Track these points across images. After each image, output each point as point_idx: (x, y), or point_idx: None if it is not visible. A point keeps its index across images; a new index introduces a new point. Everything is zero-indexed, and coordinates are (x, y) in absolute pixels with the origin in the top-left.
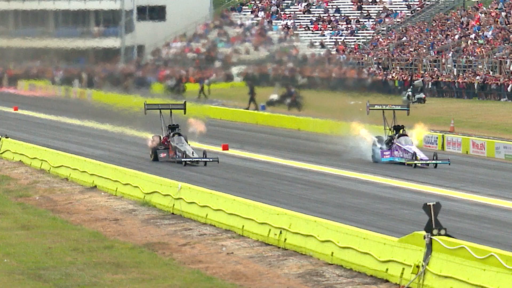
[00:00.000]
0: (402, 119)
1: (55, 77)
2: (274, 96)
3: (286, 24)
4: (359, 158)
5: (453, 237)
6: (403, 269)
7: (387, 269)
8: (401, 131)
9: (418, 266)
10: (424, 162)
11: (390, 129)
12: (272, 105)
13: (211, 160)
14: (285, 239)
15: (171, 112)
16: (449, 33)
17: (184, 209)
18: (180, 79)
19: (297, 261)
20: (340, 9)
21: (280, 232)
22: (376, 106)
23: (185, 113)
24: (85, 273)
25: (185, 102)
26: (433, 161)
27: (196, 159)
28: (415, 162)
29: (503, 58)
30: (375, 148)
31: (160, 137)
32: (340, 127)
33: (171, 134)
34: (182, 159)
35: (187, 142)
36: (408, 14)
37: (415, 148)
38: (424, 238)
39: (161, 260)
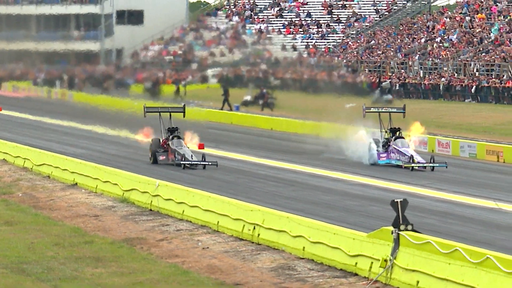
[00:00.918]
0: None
1: (37, 79)
2: (248, 97)
3: (260, 28)
4: (331, 157)
5: (419, 232)
6: (372, 263)
7: (356, 263)
8: (397, 133)
9: (386, 260)
10: (422, 165)
11: (386, 131)
12: (246, 105)
13: (210, 163)
14: (259, 235)
15: (170, 115)
16: (415, 36)
17: (161, 206)
18: (157, 81)
19: (270, 256)
20: (311, 13)
21: (254, 228)
22: (372, 109)
23: (184, 116)
24: (66, 267)
25: (184, 105)
26: (430, 164)
27: (195, 162)
28: (413, 165)
29: (467, 61)
30: (371, 150)
31: (159, 140)
32: (315, 127)
33: (171, 137)
34: (181, 162)
35: (186, 145)
36: (376, 19)
37: (412, 151)
38: (392, 233)
39: (140, 254)
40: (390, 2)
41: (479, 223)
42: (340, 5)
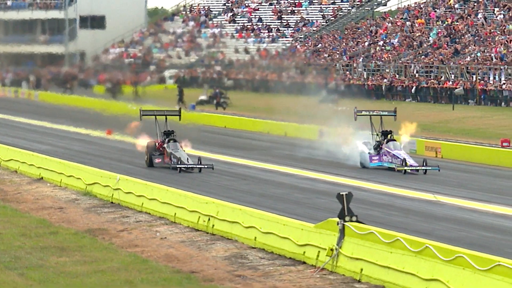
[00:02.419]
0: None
1: (5, 79)
2: (203, 97)
3: (214, 32)
4: (281, 153)
5: (363, 223)
6: (319, 252)
7: (304, 252)
8: (389, 136)
9: (332, 249)
10: (414, 168)
11: (377, 134)
12: (201, 104)
13: (206, 166)
14: (213, 225)
15: (166, 118)
16: (359, 40)
17: (122, 199)
18: (118, 82)
19: (224, 245)
20: (262, 19)
21: (209, 219)
22: (363, 112)
23: (180, 120)
24: (32, 256)
25: (180, 109)
26: (423, 167)
27: (191, 166)
28: (405, 168)
29: (408, 63)
30: (363, 153)
31: (155, 143)
32: (266, 125)
33: (166, 140)
34: (177, 166)
35: (182, 148)
36: (323, 24)
37: (405, 154)
38: (338, 224)
39: (101, 244)
40: (336, 8)
41: (419, 214)
42: (289, 11)
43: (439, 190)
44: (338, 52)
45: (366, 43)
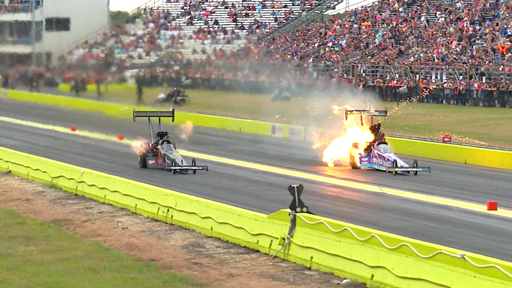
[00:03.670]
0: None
1: None
2: (162, 95)
3: (173, 34)
4: (236, 148)
5: (313, 214)
6: (272, 241)
7: (258, 241)
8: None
9: (284, 238)
10: (405, 169)
11: (371, 132)
12: (160, 102)
13: (200, 168)
14: (172, 216)
15: (159, 119)
16: (310, 41)
17: (85, 191)
18: (82, 81)
19: (182, 235)
20: (218, 21)
21: (168, 210)
22: (354, 111)
23: (173, 121)
24: (1, 245)
25: (173, 109)
26: (414, 169)
27: (185, 167)
28: (396, 169)
29: (355, 63)
30: (354, 154)
31: (149, 144)
32: (222, 121)
33: (160, 141)
34: (172, 167)
35: (175, 149)
36: (275, 26)
37: (395, 156)
38: (289, 214)
39: (66, 234)
40: (287, 11)
41: (366, 205)
42: (244, 14)
43: (384, 182)
44: (289, 53)
45: (316, 44)
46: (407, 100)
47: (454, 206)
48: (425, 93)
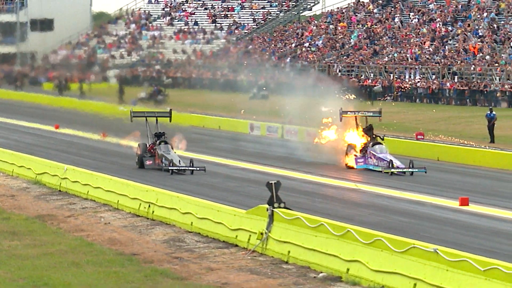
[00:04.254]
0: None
1: None
2: (143, 94)
3: (154, 34)
4: (215, 145)
5: (290, 209)
6: (250, 235)
7: (236, 236)
8: (372, 131)
9: (262, 233)
10: (401, 170)
11: (362, 135)
12: (141, 101)
13: (198, 168)
14: (153, 211)
15: (156, 120)
16: (287, 42)
17: (69, 187)
18: (65, 80)
19: (162, 230)
20: (198, 22)
21: (149, 206)
22: (348, 112)
23: (170, 121)
24: None
25: (170, 110)
26: (410, 169)
27: (183, 168)
28: (392, 170)
29: (331, 63)
30: (349, 155)
31: (146, 145)
32: (201, 119)
33: (157, 142)
34: (169, 168)
35: (173, 150)
36: (254, 26)
37: (391, 156)
38: (267, 210)
39: (50, 229)
40: (265, 13)
41: (341, 201)
42: (223, 15)
43: (359, 178)
44: (267, 53)
45: (293, 45)
46: (382, 99)
47: (427, 201)
48: (399, 92)
